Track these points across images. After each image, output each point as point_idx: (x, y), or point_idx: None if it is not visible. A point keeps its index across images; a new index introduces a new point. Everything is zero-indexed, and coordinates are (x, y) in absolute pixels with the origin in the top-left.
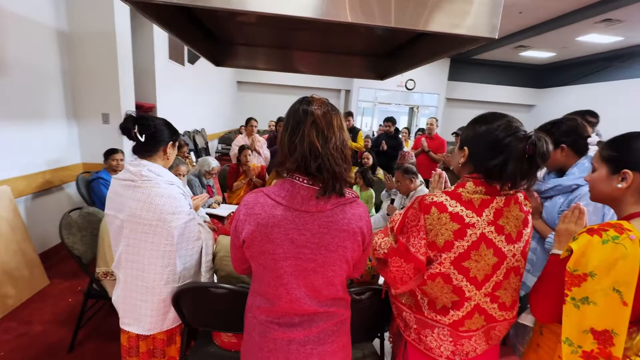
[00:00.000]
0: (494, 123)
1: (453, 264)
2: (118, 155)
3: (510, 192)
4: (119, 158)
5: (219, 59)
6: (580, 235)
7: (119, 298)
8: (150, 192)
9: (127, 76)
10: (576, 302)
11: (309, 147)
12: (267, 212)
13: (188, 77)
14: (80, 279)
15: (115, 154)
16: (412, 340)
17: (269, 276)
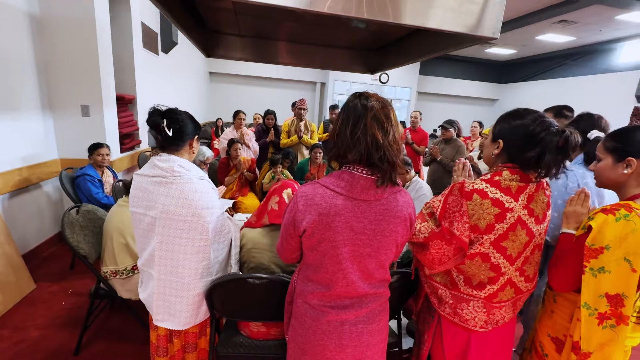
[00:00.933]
0: (527, 118)
1: (492, 244)
2: (104, 150)
3: (539, 179)
4: (105, 153)
5: (209, 49)
6: (597, 215)
7: (152, 295)
8: (184, 187)
9: (108, 66)
10: (594, 272)
11: (372, 139)
12: (328, 202)
13: (163, 67)
14: (69, 281)
15: (100, 149)
16: (447, 314)
17: (328, 262)
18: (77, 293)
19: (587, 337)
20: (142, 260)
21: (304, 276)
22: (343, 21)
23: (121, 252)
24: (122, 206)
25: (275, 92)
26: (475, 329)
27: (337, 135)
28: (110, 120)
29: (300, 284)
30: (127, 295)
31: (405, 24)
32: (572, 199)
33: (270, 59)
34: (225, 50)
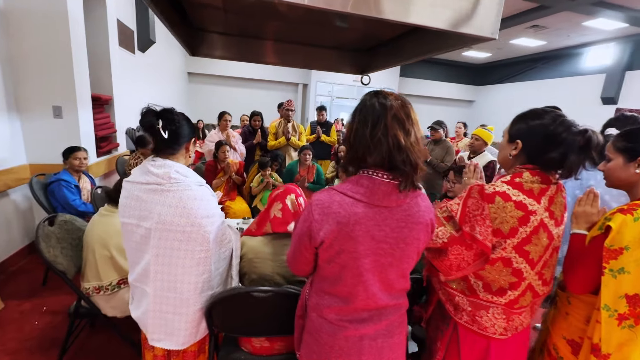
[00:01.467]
0: (545, 117)
1: (515, 249)
2: (81, 154)
3: (559, 181)
4: (82, 156)
5: (194, 47)
6: (615, 216)
7: (147, 313)
8: (182, 195)
9: (82, 63)
10: (614, 273)
11: (393, 140)
12: (347, 210)
13: (139, 66)
14: (42, 298)
15: (77, 152)
16: (465, 322)
17: (348, 274)
18: (51, 311)
19: (607, 339)
20: (135, 275)
21: (319, 289)
22: (330, 20)
23: (105, 266)
24: (104, 215)
25: (256, 93)
26: (494, 337)
27: (354, 138)
28: (85, 122)
29: (315, 297)
30: (112, 313)
31: (410, 23)
32: (581, 199)
33: (258, 58)
34: (211, 48)
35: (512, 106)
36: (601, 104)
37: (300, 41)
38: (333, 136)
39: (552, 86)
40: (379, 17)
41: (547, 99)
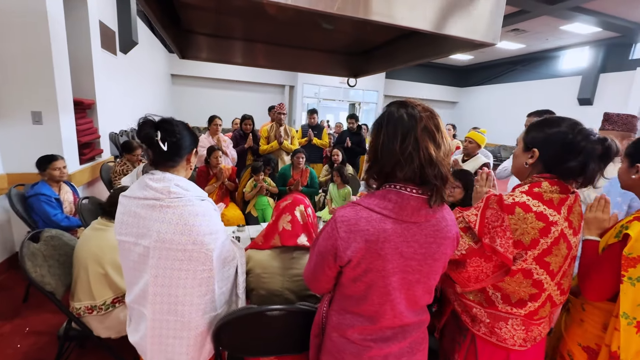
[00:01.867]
0: (562, 125)
1: (535, 260)
2: (59, 163)
3: (576, 190)
4: (62, 166)
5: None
6: (632, 224)
7: (145, 338)
8: (183, 211)
9: (63, 66)
10: (632, 281)
11: (425, 154)
12: (376, 226)
13: (121, 68)
14: (24, 317)
15: (55, 162)
16: (483, 334)
17: (374, 293)
18: (35, 332)
19: (626, 347)
20: (132, 296)
21: (341, 308)
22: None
23: (99, 284)
24: (98, 229)
25: (242, 96)
26: (514, 348)
27: (382, 151)
28: (67, 128)
29: (336, 317)
30: (106, 334)
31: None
32: (592, 206)
33: (249, 61)
34: (201, 51)
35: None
36: (578, 104)
37: (292, 44)
38: (325, 139)
39: (531, 87)
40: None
41: (527, 100)
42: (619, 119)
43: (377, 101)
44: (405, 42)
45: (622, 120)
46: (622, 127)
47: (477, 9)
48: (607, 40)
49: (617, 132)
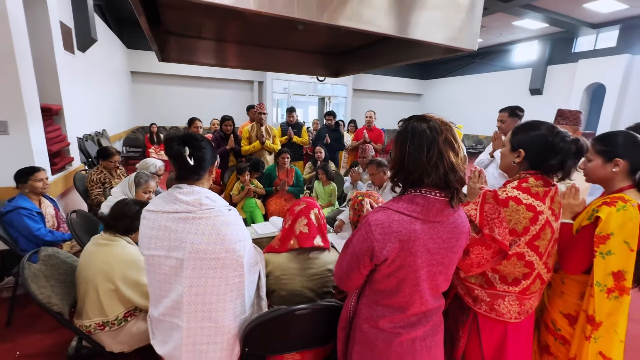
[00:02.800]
0: (542, 129)
1: (527, 244)
2: (42, 174)
3: (556, 183)
4: (44, 177)
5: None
6: (601, 207)
7: (179, 348)
8: (215, 221)
9: (28, 71)
10: (603, 255)
11: (448, 162)
12: (407, 227)
13: (81, 68)
14: (11, 341)
15: (37, 173)
16: (484, 311)
17: (406, 286)
18: (26, 355)
19: (599, 309)
20: (162, 309)
21: (372, 302)
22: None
23: (110, 300)
24: (103, 245)
25: (209, 93)
26: (510, 321)
27: (409, 161)
28: (37, 137)
29: (366, 310)
30: (119, 349)
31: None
32: (565, 194)
33: (229, 62)
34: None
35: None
36: (529, 94)
37: (273, 44)
38: (304, 137)
39: (488, 79)
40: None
41: (485, 91)
42: (570, 115)
43: (347, 95)
44: (386, 44)
45: (572, 116)
46: (573, 122)
47: (457, 18)
48: (553, 35)
49: (569, 126)
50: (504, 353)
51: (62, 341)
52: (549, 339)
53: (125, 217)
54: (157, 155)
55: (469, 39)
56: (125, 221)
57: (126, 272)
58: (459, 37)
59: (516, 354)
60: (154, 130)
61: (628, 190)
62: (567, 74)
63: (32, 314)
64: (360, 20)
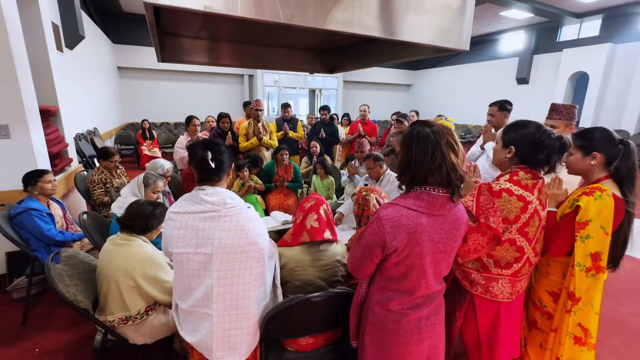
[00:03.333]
0: (530, 127)
1: (518, 231)
2: (50, 176)
3: (543, 176)
4: (52, 179)
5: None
6: (581, 197)
7: (209, 335)
8: (239, 218)
9: (26, 74)
10: (583, 239)
11: (449, 163)
12: (414, 221)
13: (70, 66)
14: (29, 339)
15: (46, 175)
16: (480, 293)
17: (413, 272)
18: (46, 351)
19: (579, 287)
20: (192, 301)
21: (382, 287)
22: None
23: (132, 296)
24: (121, 245)
25: (198, 87)
26: (503, 301)
27: (415, 163)
28: (37, 139)
29: (377, 294)
30: (142, 341)
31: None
32: (549, 185)
33: (223, 61)
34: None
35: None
36: (516, 84)
37: (265, 42)
38: (300, 131)
39: (477, 69)
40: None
41: (474, 81)
42: (564, 109)
43: (337, 87)
44: (379, 43)
45: (566, 110)
46: (566, 117)
47: (449, 19)
48: (539, 24)
49: (562, 121)
50: (497, 330)
51: (78, 337)
52: (536, 315)
53: (140, 217)
54: (150, 152)
55: (461, 39)
56: (140, 221)
57: (145, 269)
58: (451, 38)
59: (507, 329)
60: (145, 126)
61: (605, 180)
62: (552, 63)
63: (44, 314)
64: (350, 24)
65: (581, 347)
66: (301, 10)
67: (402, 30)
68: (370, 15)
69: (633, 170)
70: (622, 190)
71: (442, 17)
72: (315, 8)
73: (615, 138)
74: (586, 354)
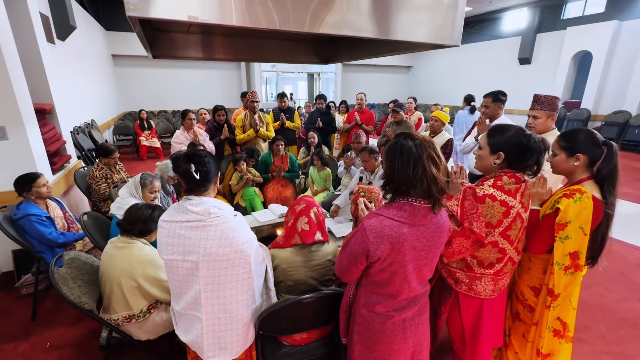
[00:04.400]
0: (512, 131)
1: (500, 234)
2: (43, 179)
3: (526, 179)
4: (46, 182)
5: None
6: (561, 199)
7: (200, 336)
8: (224, 227)
9: (17, 72)
10: (562, 239)
11: (431, 177)
12: (397, 231)
13: (62, 58)
14: (39, 334)
15: (39, 179)
16: (463, 290)
17: (397, 278)
18: (57, 346)
19: (558, 284)
20: (183, 304)
21: (369, 291)
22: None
23: (134, 296)
24: (122, 247)
25: (195, 74)
26: (486, 297)
27: (398, 175)
28: (35, 139)
29: (364, 297)
30: (145, 337)
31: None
32: (534, 183)
33: (217, 55)
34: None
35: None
36: (518, 64)
37: (259, 35)
38: (297, 121)
39: (478, 49)
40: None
41: (474, 61)
42: (545, 100)
43: (336, 70)
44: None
45: (548, 101)
46: (548, 107)
47: (441, 16)
48: (542, 1)
49: (544, 111)
50: (479, 323)
51: (86, 332)
52: (519, 307)
53: (139, 221)
54: (149, 142)
55: (453, 35)
56: (139, 225)
57: (146, 270)
58: (443, 34)
59: (490, 323)
60: (143, 116)
61: (586, 181)
62: (555, 42)
63: (51, 309)
64: (342, 27)
65: (559, 340)
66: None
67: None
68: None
69: (614, 172)
70: (603, 192)
71: (434, 14)
72: (300, 12)
73: (598, 140)
74: (564, 346)
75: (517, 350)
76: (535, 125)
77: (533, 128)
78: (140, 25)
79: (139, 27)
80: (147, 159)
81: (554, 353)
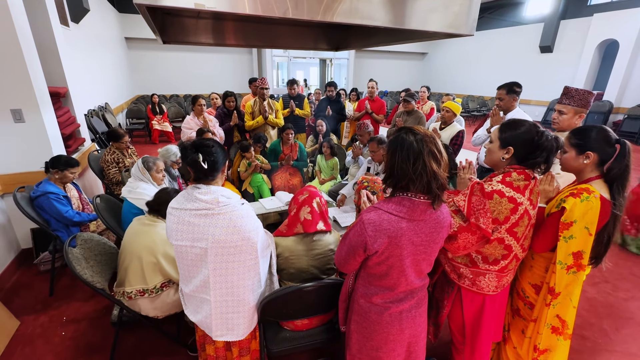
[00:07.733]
0: (525, 126)
1: (507, 231)
2: (76, 169)
3: (536, 175)
4: (77, 172)
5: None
6: (568, 198)
7: (209, 317)
8: (232, 216)
9: (32, 56)
10: (566, 239)
11: (431, 173)
12: (395, 226)
13: (77, 41)
14: (56, 308)
15: (74, 168)
16: (467, 285)
17: (394, 272)
18: (73, 320)
19: (559, 283)
20: (192, 287)
21: (367, 282)
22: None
23: (151, 272)
24: (148, 225)
25: (207, 57)
26: (489, 293)
27: (397, 170)
28: (50, 122)
29: (362, 288)
30: (153, 314)
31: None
32: (542, 180)
33: (228, 41)
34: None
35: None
36: (539, 52)
37: (270, 20)
38: (306, 109)
39: (497, 35)
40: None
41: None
42: (576, 94)
43: (349, 56)
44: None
45: (580, 96)
46: (578, 103)
47: (456, 4)
48: None
49: (572, 107)
50: (481, 318)
51: (100, 307)
52: (520, 304)
53: (167, 203)
54: (161, 126)
55: (467, 24)
56: (166, 207)
57: (167, 250)
58: (457, 24)
59: (491, 318)
60: (155, 100)
61: (595, 180)
62: (580, 30)
63: (68, 285)
64: (356, 15)
65: (558, 337)
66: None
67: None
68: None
69: (625, 172)
70: (611, 192)
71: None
72: (313, 0)
73: (611, 138)
74: (562, 343)
75: (516, 345)
76: (559, 121)
77: (556, 124)
78: (148, 12)
79: (147, 14)
80: (159, 143)
81: (551, 349)
